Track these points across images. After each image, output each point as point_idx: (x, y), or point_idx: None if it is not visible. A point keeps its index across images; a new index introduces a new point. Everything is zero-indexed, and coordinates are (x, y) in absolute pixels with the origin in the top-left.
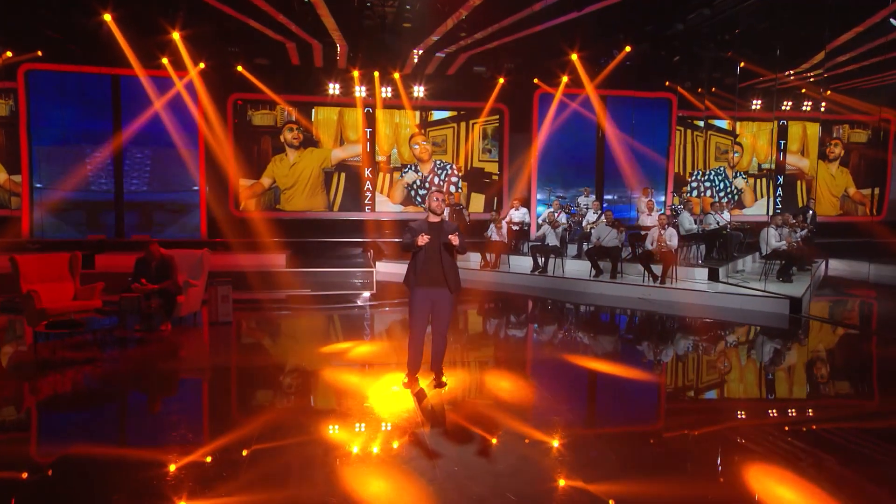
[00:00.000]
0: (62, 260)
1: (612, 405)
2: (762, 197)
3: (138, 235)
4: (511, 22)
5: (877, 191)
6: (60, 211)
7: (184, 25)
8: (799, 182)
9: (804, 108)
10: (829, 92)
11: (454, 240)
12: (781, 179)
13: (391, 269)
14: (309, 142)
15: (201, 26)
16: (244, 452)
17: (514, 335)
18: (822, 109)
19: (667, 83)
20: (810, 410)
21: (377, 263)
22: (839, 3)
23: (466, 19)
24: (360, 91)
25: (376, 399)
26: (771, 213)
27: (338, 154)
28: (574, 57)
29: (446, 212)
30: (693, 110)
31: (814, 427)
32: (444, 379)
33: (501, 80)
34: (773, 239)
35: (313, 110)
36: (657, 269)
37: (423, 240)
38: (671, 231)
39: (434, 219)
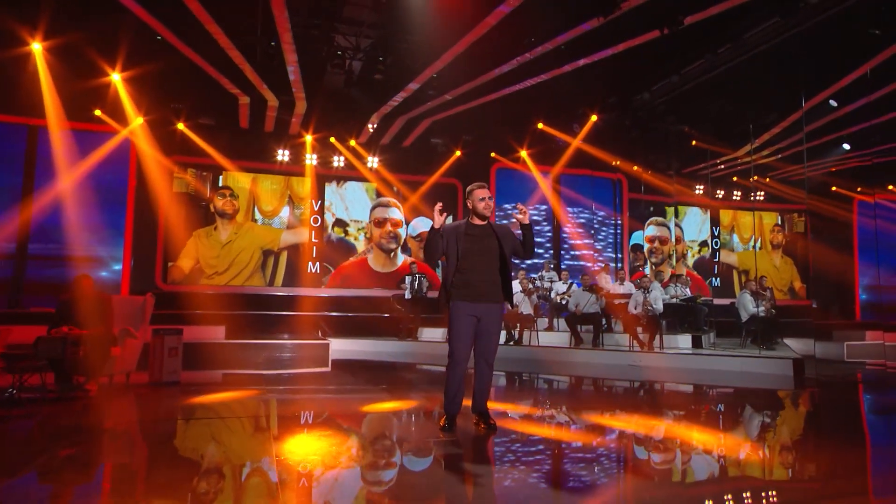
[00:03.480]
0: None
1: None
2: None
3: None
4: (476, 86)
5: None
6: None
7: (125, 66)
8: (735, 271)
9: (734, 196)
10: (767, 179)
11: (522, 216)
12: (717, 269)
13: (346, 347)
14: (247, 214)
15: (148, 68)
16: None
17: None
18: (758, 197)
19: (614, 163)
20: None
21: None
22: (779, 90)
23: (437, 77)
24: (311, 159)
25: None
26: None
27: (288, 238)
28: (540, 125)
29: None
30: (638, 192)
31: None
32: (492, 420)
33: (458, 153)
34: (749, 304)
35: (257, 178)
36: (642, 334)
37: (439, 217)
38: (656, 294)
39: (478, 221)
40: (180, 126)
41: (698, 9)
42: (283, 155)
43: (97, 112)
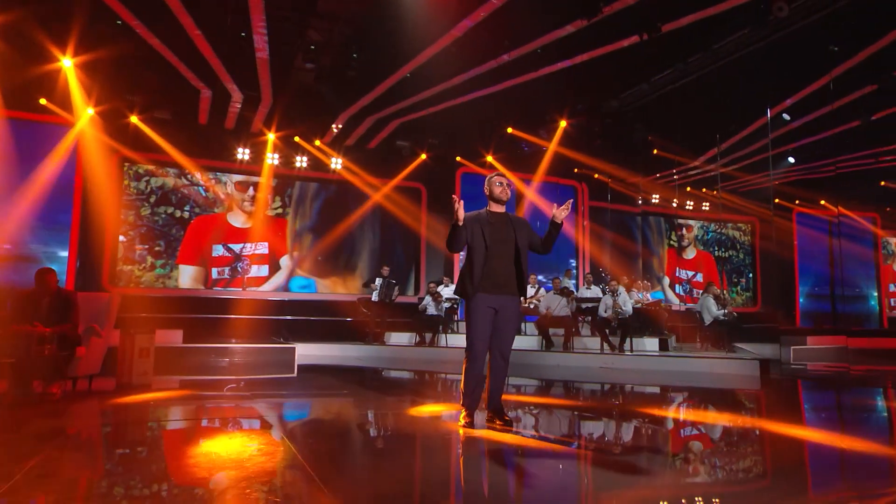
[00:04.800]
0: None
1: None
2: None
3: None
4: (448, 88)
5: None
6: None
7: (78, 51)
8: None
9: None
10: (715, 191)
11: (562, 213)
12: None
13: (312, 352)
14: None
15: (102, 53)
16: None
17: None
18: (703, 207)
19: (575, 170)
20: None
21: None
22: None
23: (410, 77)
24: (272, 158)
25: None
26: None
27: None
28: (510, 130)
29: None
30: (604, 200)
31: None
32: (507, 416)
33: (423, 156)
34: (713, 307)
35: (215, 176)
36: (614, 337)
37: (458, 206)
38: (625, 297)
39: (496, 208)
40: (134, 119)
41: (676, 16)
42: (243, 153)
43: (42, 101)
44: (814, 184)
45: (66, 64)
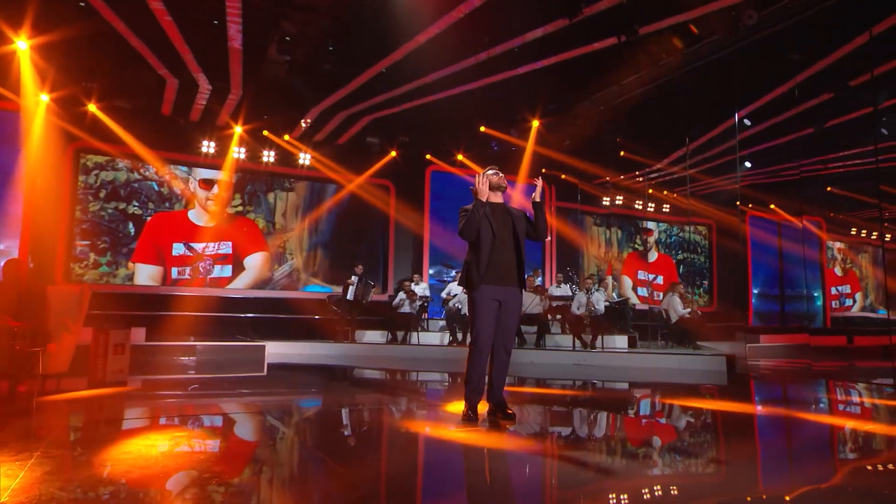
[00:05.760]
0: None
1: None
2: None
3: None
4: (422, 85)
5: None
6: None
7: (34, 32)
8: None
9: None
10: (675, 194)
11: (538, 192)
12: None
13: (282, 350)
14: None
15: (60, 35)
16: None
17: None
18: (663, 209)
19: (543, 171)
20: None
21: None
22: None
23: (385, 73)
24: (238, 153)
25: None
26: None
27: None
28: (483, 129)
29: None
30: (574, 201)
31: None
32: (510, 410)
33: (393, 153)
34: (678, 306)
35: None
36: (585, 334)
37: (482, 183)
38: (598, 295)
39: (496, 198)
40: (92, 107)
41: (652, 20)
42: (208, 147)
43: None
44: (767, 188)
45: (22, 46)
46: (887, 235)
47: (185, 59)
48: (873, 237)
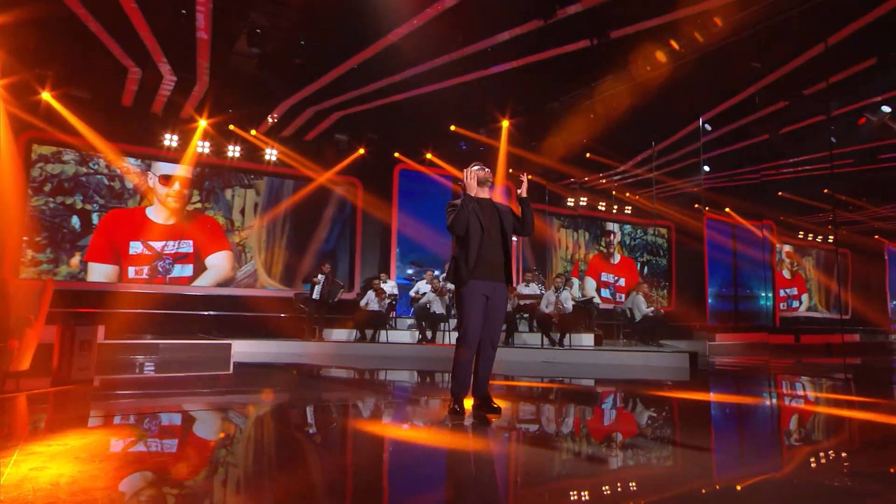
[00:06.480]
0: None
1: None
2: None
3: None
4: (395, 82)
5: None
6: None
7: None
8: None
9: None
10: (637, 196)
11: (524, 188)
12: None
13: (248, 349)
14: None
15: (12, 17)
16: None
17: None
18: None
19: (509, 171)
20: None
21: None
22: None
23: (358, 69)
24: (202, 147)
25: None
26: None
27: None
28: (453, 128)
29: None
30: (542, 202)
31: None
32: (495, 404)
33: (361, 151)
34: (643, 305)
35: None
36: (553, 332)
37: (470, 182)
38: (566, 294)
39: (483, 194)
40: (45, 96)
41: (625, 24)
42: (170, 140)
43: None
44: (723, 191)
45: None
46: (830, 237)
47: (149, 48)
48: (818, 240)
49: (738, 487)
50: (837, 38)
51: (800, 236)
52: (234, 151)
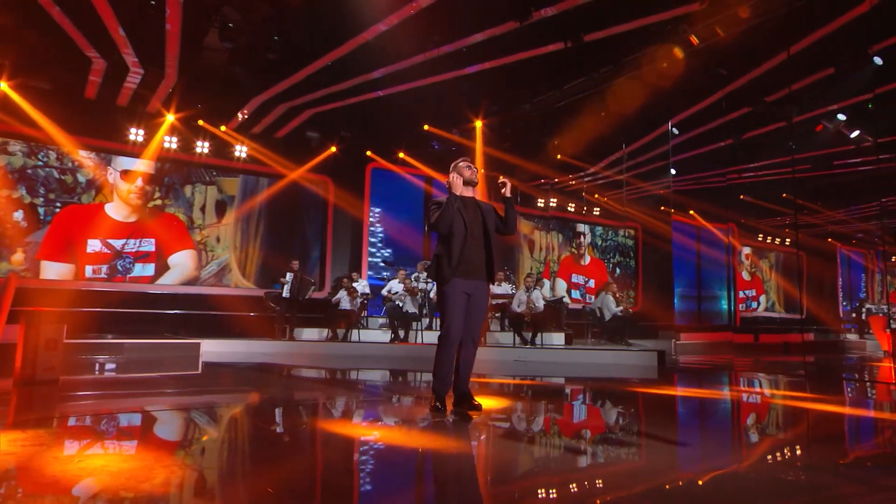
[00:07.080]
0: None
1: None
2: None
3: None
4: (369, 80)
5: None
6: None
7: None
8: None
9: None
10: (606, 199)
11: (508, 188)
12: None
13: (217, 349)
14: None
15: None
16: None
17: None
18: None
19: (480, 171)
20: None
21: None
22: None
23: (332, 66)
24: (169, 142)
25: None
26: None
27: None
28: (427, 127)
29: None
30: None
31: None
32: (476, 402)
33: (333, 149)
34: (612, 304)
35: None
36: (525, 331)
37: (456, 181)
38: (537, 293)
39: (468, 192)
40: (3, 86)
41: (598, 28)
42: (136, 135)
43: None
44: (687, 194)
45: None
46: (787, 240)
47: (115, 39)
48: (777, 242)
49: (700, 482)
50: (799, 48)
51: (759, 238)
52: (202, 147)
